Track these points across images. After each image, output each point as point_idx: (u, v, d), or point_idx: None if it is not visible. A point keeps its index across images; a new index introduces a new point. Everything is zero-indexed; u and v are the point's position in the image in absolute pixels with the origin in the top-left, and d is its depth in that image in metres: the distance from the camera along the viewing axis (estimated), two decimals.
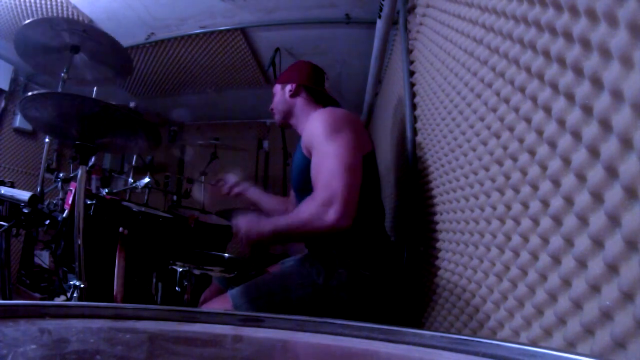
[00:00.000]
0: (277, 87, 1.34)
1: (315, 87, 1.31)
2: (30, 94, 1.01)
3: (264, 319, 0.46)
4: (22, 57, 1.76)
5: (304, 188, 1.18)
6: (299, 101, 1.30)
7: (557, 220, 0.54)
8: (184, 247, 1.67)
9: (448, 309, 0.96)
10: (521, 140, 0.65)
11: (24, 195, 1.02)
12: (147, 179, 2.02)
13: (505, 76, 0.71)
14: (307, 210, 0.99)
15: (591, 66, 0.47)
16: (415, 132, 1.45)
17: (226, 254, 1.60)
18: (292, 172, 1.26)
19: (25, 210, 1.04)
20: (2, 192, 1.04)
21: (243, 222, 1.07)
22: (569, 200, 0.51)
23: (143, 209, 1.69)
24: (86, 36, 1.72)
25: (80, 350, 0.34)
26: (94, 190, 2.23)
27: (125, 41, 2.60)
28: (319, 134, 1.07)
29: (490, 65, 0.78)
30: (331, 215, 0.95)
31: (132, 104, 2.01)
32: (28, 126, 3.09)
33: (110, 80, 1.99)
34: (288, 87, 1.30)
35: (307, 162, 1.13)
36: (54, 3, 2.24)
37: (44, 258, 2.63)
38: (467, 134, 0.92)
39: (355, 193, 1.01)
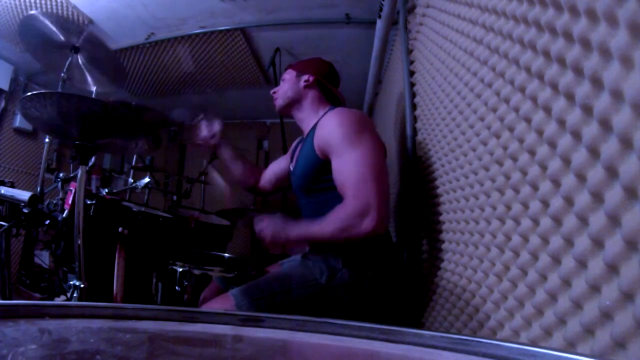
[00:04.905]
0: (291, 73, 1.30)
1: (330, 86, 1.30)
2: (29, 93, 1.00)
3: (264, 319, 0.46)
4: (25, 48, 1.79)
5: (310, 188, 1.16)
6: (311, 94, 1.27)
7: (557, 220, 0.54)
8: (184, 247, 1.67)
9: (448, 309, 0.96)
10: (521, 140, 0.65)
11: (24, 195, 1.02)
12: (147, 179, 2.03)
13: (505, 76, 0.71)
14: (341, 220, 0.98)
15: (591, 66, 0.47)
16: (415, 132, 1.45)
17: (226, 254, 1.60)
18: (296, 170, 1.23)
19: (25, 210, 1.04)
20: (2, 192, 1.04)
21: (269, 228, 1.05)
22: (569, 200, 0.51)
23: (143, 209, 1.69)
24: (86, 37, 1.73)
25: (80, 350, 0.34)
26: (94, 190, 2.23)
27: (125, 41, 2.62)
28: (339, 136, 1.05)
29: (490, 65, 0.78)
30: (368, 224, 0.95)
31: (133, 103, 2.03)
32: (28, 126, 3.09)
33: (106, 86, 2.00)
34: (305, 77, 1.27)
35: (317, 162, 1.11)
36: (54, 3, 2.24)
37: (44, 258, 2.62)
38: (467, 134, 0.92)
39: (386, 198, 1.02)
